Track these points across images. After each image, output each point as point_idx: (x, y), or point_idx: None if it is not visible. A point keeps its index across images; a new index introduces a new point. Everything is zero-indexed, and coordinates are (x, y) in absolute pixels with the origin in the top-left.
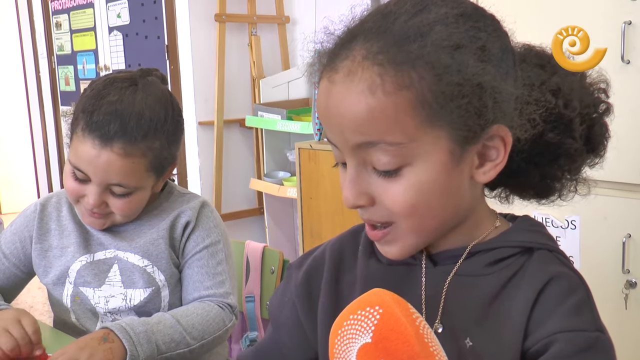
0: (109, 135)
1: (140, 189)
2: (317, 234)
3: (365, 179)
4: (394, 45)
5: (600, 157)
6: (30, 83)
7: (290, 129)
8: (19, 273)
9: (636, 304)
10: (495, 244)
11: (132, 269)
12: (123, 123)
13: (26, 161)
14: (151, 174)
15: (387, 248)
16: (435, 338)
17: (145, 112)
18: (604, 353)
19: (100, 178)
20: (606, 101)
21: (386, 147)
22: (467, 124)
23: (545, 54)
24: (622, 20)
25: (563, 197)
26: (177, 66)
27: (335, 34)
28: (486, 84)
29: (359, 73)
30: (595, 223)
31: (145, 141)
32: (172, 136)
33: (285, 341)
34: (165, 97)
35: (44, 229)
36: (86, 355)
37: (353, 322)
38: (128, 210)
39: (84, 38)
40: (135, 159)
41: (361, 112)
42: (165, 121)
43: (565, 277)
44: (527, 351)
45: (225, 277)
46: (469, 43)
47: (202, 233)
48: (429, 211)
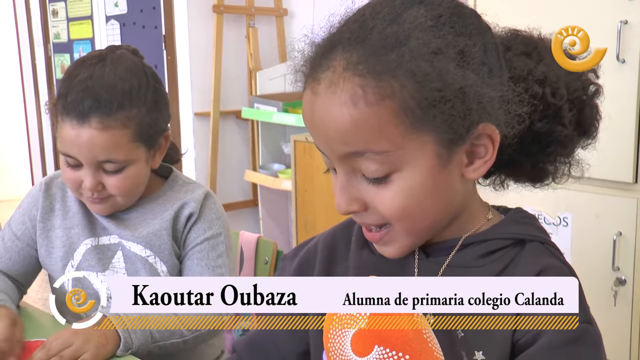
0: (84, 112)
1: (132, 163)
2: (311, 227)
3: (355, 186)
4: (373, 55)
5: (593, 138)
6: (26, 71)
7: (286, 121)
8: (34, 253)
9: (625, 301)
10: (487, 235)
11: (134, 258)
12: (96, 97)
13: (21, 149)
14: (139, 144)
15: (384, 248)
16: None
17: (117, 83)
18: (592, 344)
19: (87, 158)
20: (596, 82)
21: (373, 156)
22: (452, 127)
23: (532, 39)
24: (619, 19)
25: (557, 180)
26: (174, 57)
27: (316, 41)
28: (468, 88)
29: (340, 84)
30: (587, 220)
31: (122, 111)
32: (152, 103)
33: (278, 332)
34: (137, 66)
35: (48, 208)
36: (80, 341)
37: None
38: (125, 188)
39: (80, 26)
40: (116, 131)
41: (345, 124)
42: (139, 88)
43: (556, 269)
44: (517, 342)
45: (225, 270)
46: (447, 48)
47: (204, 225)
48: (421, 213)
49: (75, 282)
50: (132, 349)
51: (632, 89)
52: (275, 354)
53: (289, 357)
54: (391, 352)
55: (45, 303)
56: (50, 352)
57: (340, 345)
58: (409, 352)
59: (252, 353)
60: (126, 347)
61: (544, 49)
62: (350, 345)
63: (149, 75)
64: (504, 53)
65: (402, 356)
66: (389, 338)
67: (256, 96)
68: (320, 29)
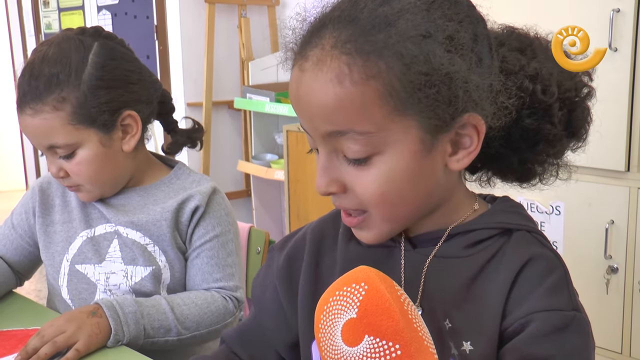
0: (20, 100)
1: (81, 146)
2: (304, 217)
3: (336, 167)
4: (362, 35)
5: (582, 141)
6: (17, 61)
7: (279, 111)
8: (25, 244)
9: (617, 289)
10: (473, 225)
11: (132, 245)
12: (26, 85)
13: (14, 140)
14: (80, 127)
15: (362, 233)
16: (419, 314)
17: (44, 67)
18: (580, 332)
19: (36, 144)
20: (589, 85)
21: (355, 136)
22: (437, 113)
23: (527, 37)
24: (611, 7)
25: (544, 181)
26: (166, 47)
27: (307, 20)
28: (454, 74)
29: (327, 62)
30: (579, 209)
31: (50, 94)
32: (92, 81)
33: (268, 323)
34: (70, 45)
35: (48, 204)
36: (74, 328)
37: (339, 297)
38: (82, 173)
39: (72, 16)
40: (47, 115)
41: (329, 101)
42: (69, 69)
43: (543, 257)
44: (505, 331)
45: (235, 270)
46: (437, 33)
47: (213, 221)
48: (401, 199)
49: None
50: (122, 341)
51: (624, 77)
52: (265, 345)
53: (278, 348)
54: (381, 341)
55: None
56: (44, 338)
57: (331, 335)
58: (399, 342)
59: (242, 344)
60: (116, 340)
61: (539, 47)
62: (341, 335)
63: (87, 53)
64: (497, 48)
65: (392, 345)
66: (380, 328)
67: (248, 86)
68: (313, 8)
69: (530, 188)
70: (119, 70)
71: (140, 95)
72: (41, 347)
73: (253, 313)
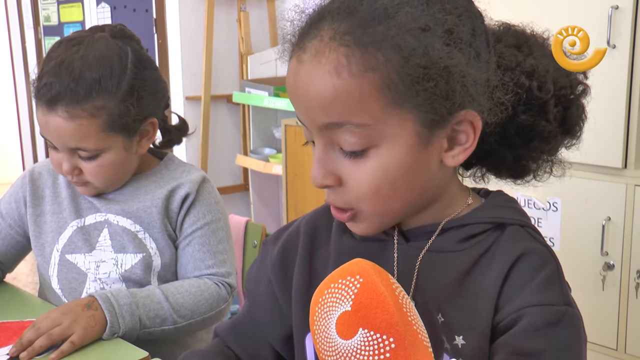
0: (52, 99)
1: (107, 151)
2: (302, 211)
3: (332, 159)
4: (361, 26)
5: (577, 138)
6: (16, 54)
7: (277, 105)
8: (14, 234)
9: (613, 286)
10: (467, 220)
11: (122, 233)
12: (63, 85)
13: (11, 132)
14: (112, 134)
15: (354, 225)
16: (414, 308)
17: (85, 72)
18: (571, 326)
19: (59, 143)
20: (584, 82)
21: (352, 129)
22: (434, 107)
23: (524, 34)
24: (609, 4)
25: (538, 177)
26: (165, 40)
27: (306, 12)
28: (453, 67)
29: (326, 53)
30: (576, 205)
31: (90, 101)
32: (127, 91)
33: (262, 317)
34: (113, 52)
35: (39, 195)
36: (69, 320)
37: (334, 290)
38: (100, 175)
39: (71, 9)
40: (83, 121)
41: (327, 93)
42: (111, 77)
43: (536, 252)
44: (497, 325)
45: (227, 256)
46: (436, 26)
47: (203, 209)
48: (395, 193)
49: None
50: (117, 333)
51: (623, 74)
52: (259, 338)
53: (272, 341)
54: (375, 334)
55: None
56: (39, 330)
57: (326, 328)
58: (393, 335)
59: (236, 337)
60: (112, 332)
61: (535, 44)
62: (335, 328)
63: (127, 61)
64: (494, 44)
65: (386, 339)
66: (374, 321)
67: (247, 80)
68: (312, 0)
69: (524, 184)
70: (150, 80)
71: (161, 102)
72: (36, 340)
73: (247, 306)
